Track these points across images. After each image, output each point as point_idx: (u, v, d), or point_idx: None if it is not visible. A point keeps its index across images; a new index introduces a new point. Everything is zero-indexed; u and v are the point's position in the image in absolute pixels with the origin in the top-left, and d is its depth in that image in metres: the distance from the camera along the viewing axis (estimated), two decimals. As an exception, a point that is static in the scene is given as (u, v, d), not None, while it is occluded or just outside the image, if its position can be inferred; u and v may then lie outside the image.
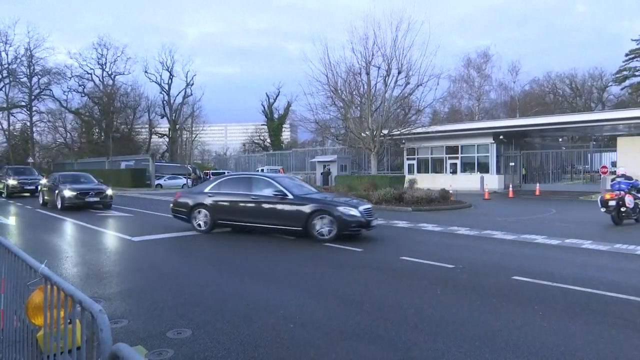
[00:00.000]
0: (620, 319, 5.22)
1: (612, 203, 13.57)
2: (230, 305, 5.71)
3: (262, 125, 72.98)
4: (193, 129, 50.20)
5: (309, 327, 4.94)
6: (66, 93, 61.52)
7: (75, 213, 17.12)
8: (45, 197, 20.32)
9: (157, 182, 42.18)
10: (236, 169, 59.19)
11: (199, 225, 11.81)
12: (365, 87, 29.41)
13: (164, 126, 71.27)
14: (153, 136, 70.20)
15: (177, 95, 66.53)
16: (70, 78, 60.79)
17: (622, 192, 13.60)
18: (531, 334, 4.73)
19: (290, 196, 11.04)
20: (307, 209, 10.72)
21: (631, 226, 13.57)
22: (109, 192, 19.42)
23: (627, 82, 57.23)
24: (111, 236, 11.74)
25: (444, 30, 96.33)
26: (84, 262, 8.60)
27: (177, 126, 65.97)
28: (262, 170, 42.26)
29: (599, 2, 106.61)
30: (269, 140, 70.36)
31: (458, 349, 4.32)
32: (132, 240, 10.97)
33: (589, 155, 39.72)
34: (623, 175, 14.00)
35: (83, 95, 63.12)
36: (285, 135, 78.18)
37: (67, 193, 18.28)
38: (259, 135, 74.84)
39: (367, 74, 29.08)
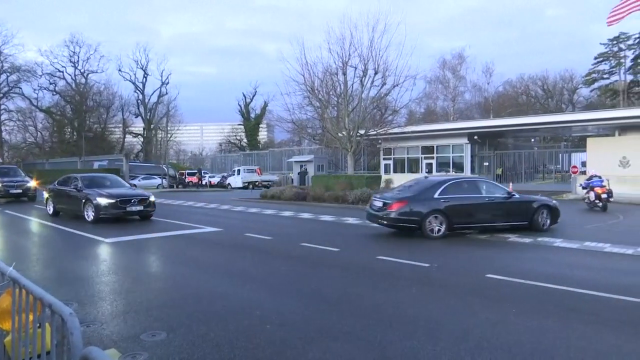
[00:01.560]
0: (591, 315, 5.36)
1: (605, 196, 17.37)
2: (205, 306, 5.65)
3: (238, 125, 72.55)
4: (168, 128, 49.52)
5: (286, 327, 4.92)
6: (37, 91, 60.12)
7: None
8: (58, 205, 16.30)
9: (131, 182, 41.45)
10: (212, 169, 58.68)
11: (438, 230, 11.14)
12: (342, 87, 29.44)
13: (138, 126, 70.18)
14: (127, 136, 69.05)
15: (152, 94, 65.66)
16: (40, 76, 59.42)
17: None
18: (504, 331, 4.82)
19: (517, 195, 12.06)
20: (534, 205, 11.96)
21: (598, 225, 13.97)
22: (152, 198, 15.30)
23: (596, 85, 58.76)
24: (83, 237, 11.48)
25: (421, 32, 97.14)
26: (54, 264, 8.41)
27: (152, 125, 64.98)
28: (239, 170, 41.99)
29: (571, 7, 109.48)
30: (245, 140, 69.97)
31: (433, 346, 4.37)
32: (105, 241, 10.76)
33: (560, 155, 40.67)
34: (596, 175, 18.20)
35: (54, 93, 61.75)
36: (262, 135, 77.82)
37: (103, 201, 14.10)
38: (236, 135, 74.32)
39: (344, 74, 29.11)
